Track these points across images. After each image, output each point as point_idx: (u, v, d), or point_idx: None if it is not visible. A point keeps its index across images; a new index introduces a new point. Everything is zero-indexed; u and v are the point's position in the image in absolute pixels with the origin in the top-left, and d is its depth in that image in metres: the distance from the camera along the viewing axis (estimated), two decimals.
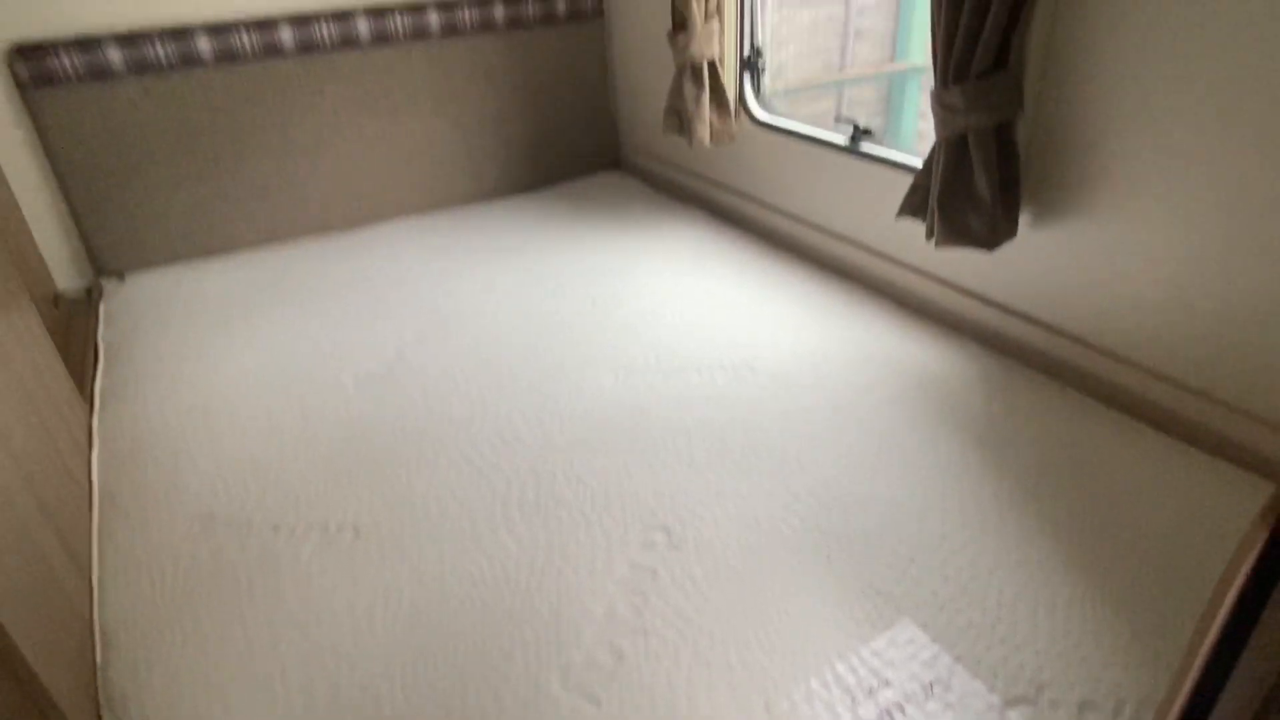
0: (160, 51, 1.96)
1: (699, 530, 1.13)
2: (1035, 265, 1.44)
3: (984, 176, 1.30)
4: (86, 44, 1.89)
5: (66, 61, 1.87)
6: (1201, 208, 1.17)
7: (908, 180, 1.61)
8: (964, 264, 1.58)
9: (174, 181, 2.08)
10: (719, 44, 1.97)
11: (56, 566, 1.03)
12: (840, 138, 1.83)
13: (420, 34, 2.26)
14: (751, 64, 2.06)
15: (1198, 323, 1.23)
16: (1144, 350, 1.32)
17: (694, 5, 1.89)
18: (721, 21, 1.95)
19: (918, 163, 1.61)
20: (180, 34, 1.97)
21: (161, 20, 1.98)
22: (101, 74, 1.92)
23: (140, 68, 1.95)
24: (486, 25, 2.34)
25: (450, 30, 2.29)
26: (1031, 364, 1.48)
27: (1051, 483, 1.18)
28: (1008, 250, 1.45)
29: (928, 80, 4.57)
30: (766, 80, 2.09)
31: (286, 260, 2.13)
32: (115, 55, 1.92)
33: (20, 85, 1.86)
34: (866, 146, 1.76)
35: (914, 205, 1.48)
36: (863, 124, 1.78)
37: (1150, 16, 1.14)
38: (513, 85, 2.45)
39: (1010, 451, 1.25)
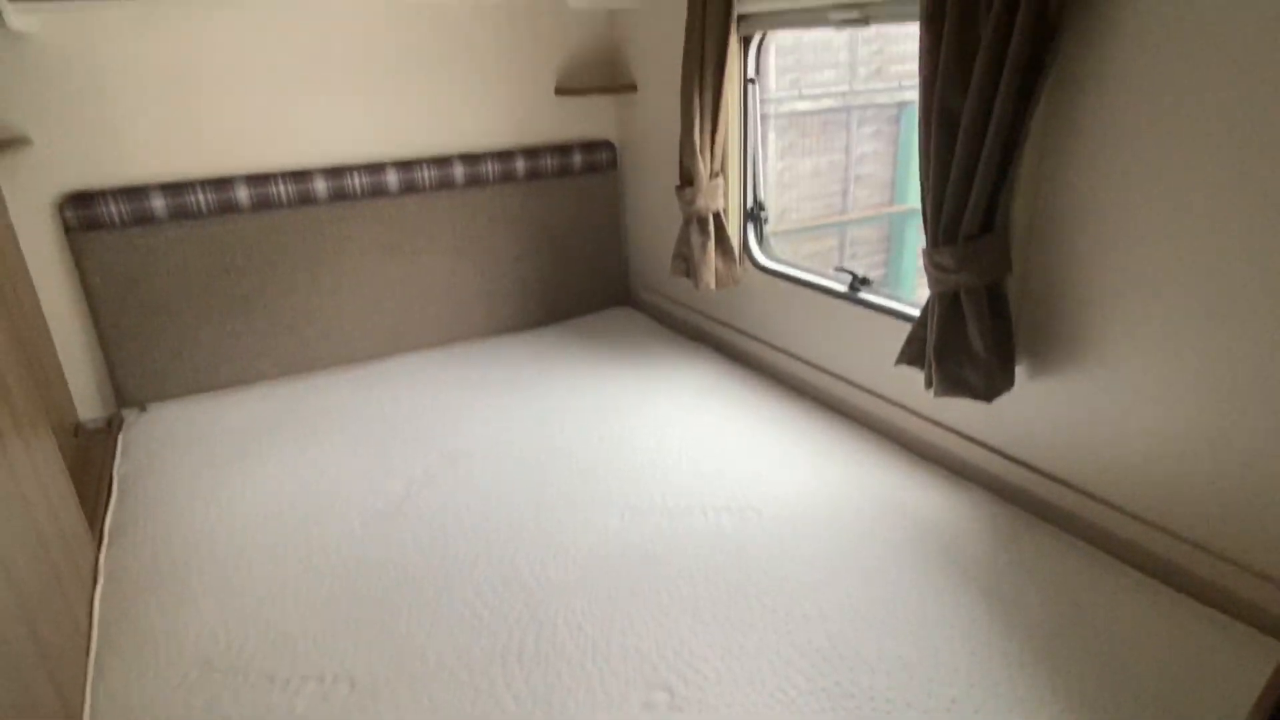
0: (202, 199, 2.10)
1: (702, 690, 1.10)
2: (1034, 415, 1.47)
3: (977, 332, 1.35)
4: (133, 192, 2.03)
5: (114, 208, 2.01)
6: (1189, 362, 1.21)
7: (905, 328, 1.67)
8: (965, 411, 1.61)
9: (202, 317, 2.18)
10: (723, 197, 2.09)
11: (45, 711, 1.01)
12: (840, 285, 1.92)
13: (445, 184, 2.41)
14: (754, 215, 2.18)
15: (1190, 475, 1.24)
16: (1142, 502, 1.32)
17: (700, 164, 2.03)
18: (726, 178, 2.08)
19: (914, 311, 1.68)
20: (222, 183, 2.12)
21: (205, 171, 2.13)
22: (144, 219, 2.05)
23: (181, 213, 2.09)
24: (507, 176, 2.50)
25: (474, 181, 2.45)
26: (1037, 513, 1.48)
27: (1060, 642, 1.16)
28: (1007, 399, 1.48)
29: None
30: (768, 229, 2.20)
31: (305, 393, 2.19)
32: (159, 202, 2.06)
33: (68, 229, 1.99)
34: (865, 294, 1.84)
35: (912, 355, 1.53)
36: (861, 273, 1.86)
37: (1131, 184, 1.22)
38: (530, 230, 2.59)
39: (1018, 606, 1.24)
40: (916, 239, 4.95)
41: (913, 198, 4.73)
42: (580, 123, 2.62)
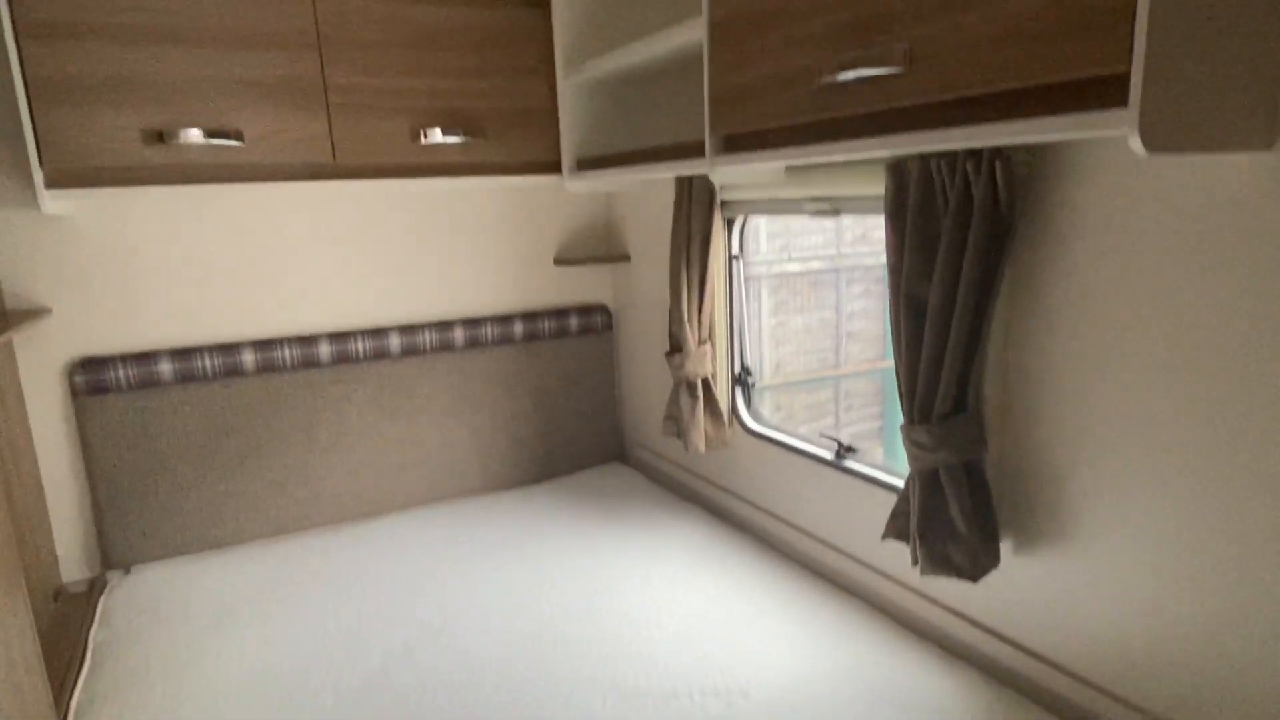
0: (208, 363, 2.18)
1: None
2: (1022, 592, 1.45)
3: (959, 510, 1.37)
4: (143, 357, 2.11)
5: (122, 372, 2.08)
6: (1168, 538, 1.21)
7: (892, 498, 1.68)
8: (955, 586, 1.59)
9: (196, 478, 2.20)
10: (711, 363, 2.16)
11: None
12: (826, 451, 1.94)
13: (446, 347, 2.50)
14: (742, 380, 2.25)
15: (1179, 658, 1.21)
16: (1132, 686, 1.28)
17: (688, 332, 2.12)
18: (713, 345, 2.16)
19: (899, 483, 1.69)
20: (228, 348, 2.21)
21: (214, 338, 2.22)
22: (151, 383, 2.12)
23: (187, 377, 2.16)
24: (506, 339, 2.60)
25: (473, 343, 2.54)
26: (1031, 696, 1.42)
27: None
28: (994, 576, 1.46)
29: None
30: (756, 395, 2.26)
31: (292, 553, 2.17)
32: (167, 367, 2.13)
33: (75, 393, 2.05)
34: (851, 463, 1.86)
35: (897, 530, 1.53)
36: (847, 440, 1.90)
37: (1095, 363, 1.28)
38: (526, 389, 2.66)
39: None
40: None
41: None
42: (577, 288, 2.75)
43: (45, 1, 1.67)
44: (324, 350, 2.33)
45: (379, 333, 2.41)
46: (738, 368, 2.25)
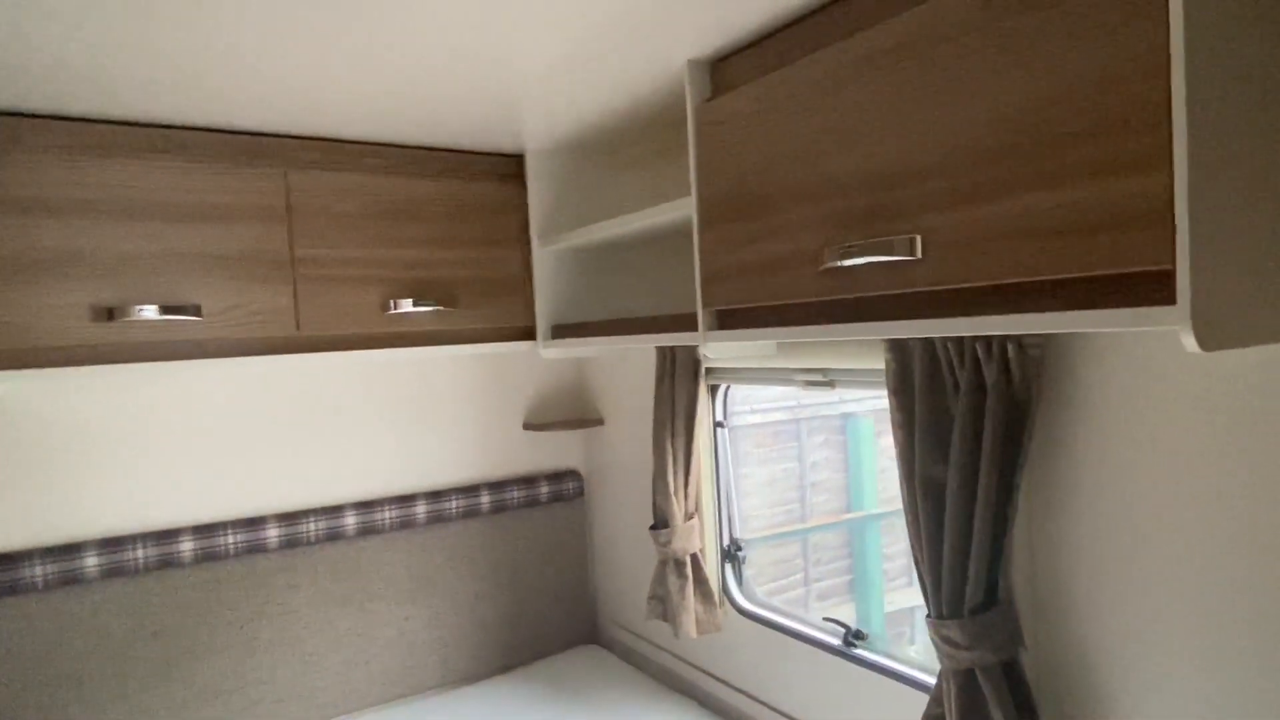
0: (140, 554, 1.95)
1: None
2: None
3: (1001, 716, 1.23)
4: (65, 550, 1.87)
5: (39, 569, 1.84)
6: None
7: (911, 692, 1.53)
8: None
9: (115, 692, 1.90)
10: (699, 538, 2.03)
11: None
12: (831, 637, 1.80)
13: (407, 524, 2.32)
14: (731, 555, 2.11)
15: None
16: None
17: (674, 506, 2.00)
18: (701, 519, 2.04)
19: (922, 676, 1.55)
20: (165, 535, 1.99)
21: (148, 524, 2.00)
22: (71, 580, 1.87)
23: (115, 572, 1.92)
24: (471, 511, 2.42)
25: (436, 518, 2.36)
26: None
27: None
28: None
29: (888, 526, 4.79)
30: (748, 572, 2.12)
31: None
32: (92, 560, 1.89)
33: None
34: (862, 651, 1.72)
35: None
36: (855, 626, 1.76)
37: (1126, 547, 1.20)
38: (492, 565, 2.46)
39: None
40: (880, 541, 4.92)
41: (868, 504, 4.79)
42: (547, 454, 2.63)
43: (1, 179, 1.58)
44: (271, 533, 2.12)
45: (333, 511, 2.22)
46: (726, 541, 2.12)
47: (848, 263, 1.16)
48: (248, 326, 1.82)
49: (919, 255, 1.08)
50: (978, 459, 1.26)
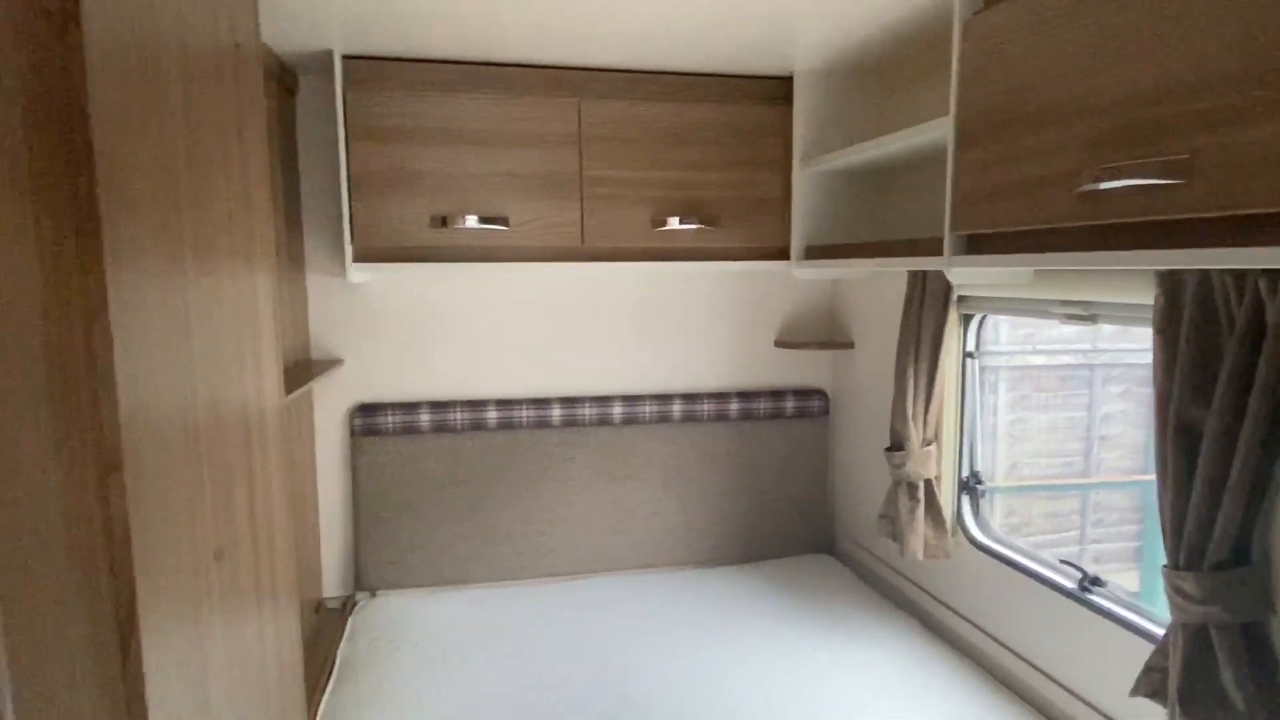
0: (458, 417, 2.44)
1: None
2: None
3: (1234, 679, 1.16)
4: (407, 407, 2.42)
5: (390, 419, 2.40)
6: None
7: (1147, 647, 1.47)
8: None
9: (438, 520, 2.45)
10: (935, 465, 2.04)
11: None
12: (1067, 580, 1.74)
13: (663, 419, 2.60)
14: (970, 487, 2.09)
15: None
16: None
17: (912, 431, 2.02)
18: (939, 445, 2.04)
19: (1157, 629, 1.47)
20: (476, 404, 2.46)
21: (464, 394, 2.49)
22: (411, 430, 2.42)
23: (440, 428, 2.43)
24: (721, 416, 2.64)
25: (689, 418, 2.61)
26: None
27: None
28: None
29: None
30: (986, 504, 2.08)
31: (511, 600, 2.33)
32: (425, 417, 2.42)
33: (353, 433, 2.39)
34: (1098, 597, 1.65)
35: (1151, 687, 1.33)
36: (1092, 572, 1.68)
37: None
38: (737, 467, 2.67)
39: None
40: None
41: None
42: (795, 371, 2.74)
43: (370, 111, 2.03)
44: (555, 413, 2.52)
45: (604, 400, 2.56)
46: (965, 472, 2.09)
47: (1109, 185, 1.11)
48: (543, 236, 2.16)
49: (1187, 178, 1.00)
50: (1244, 405, 1.15)
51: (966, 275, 1.66)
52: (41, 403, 0.55)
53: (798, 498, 2.73)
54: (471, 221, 2.08)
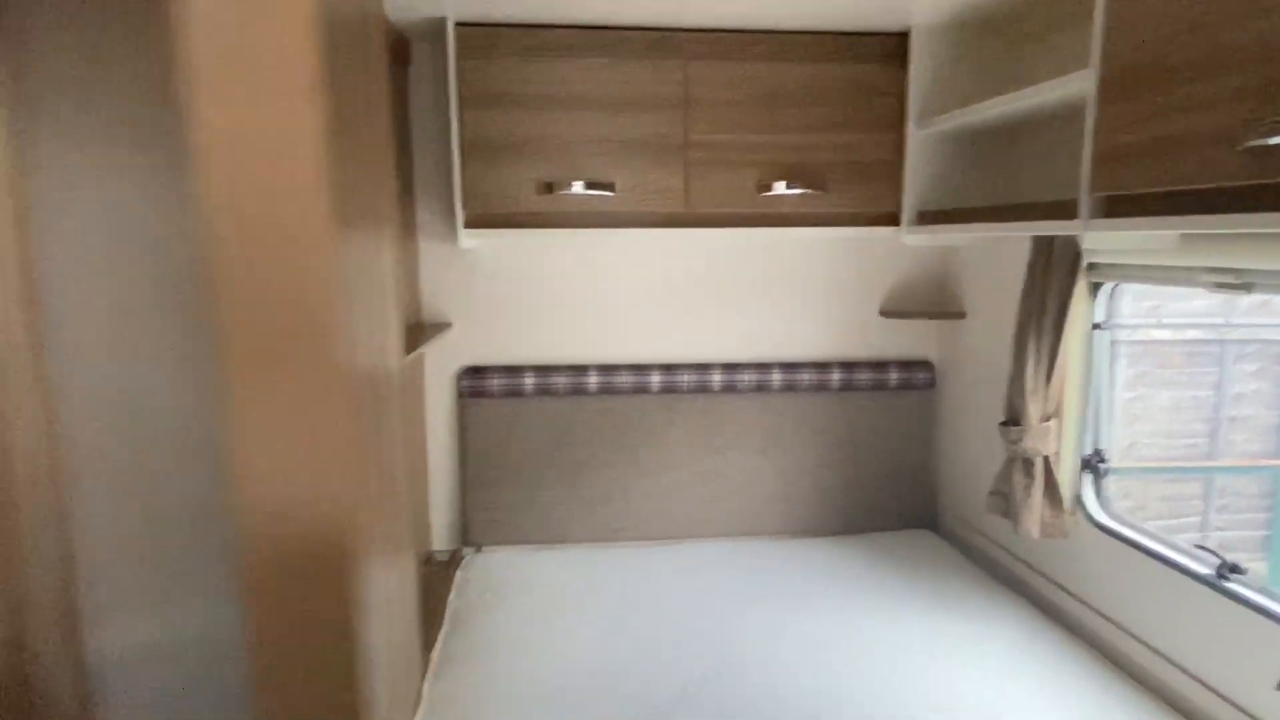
0: (560, 381, 2.49)
1: None
2: None
3: None
4: (512, 370, 2.48)
5: (495, 381, 2.46)
6: None
7: None
8: None
9: (540, 480, 2.51)
10: (1055, 441, 1.94)
11: None
12: (1203, 566, 1.63)
13: (762, 388, 2.57)
14: (1092, 465, 1.98)
15: None
16: None
17: (1030, 406, 1.93)
18: (1060, 420, 1.94)
19: None
20: (578, 370, 2.50)
21: (566, 359, 2.53)
22: (515, 393, 2.48)
23: (543, 392, 2.48)
24: (821, 386, 2.59)
25: (788, 387, 2.58)
26: None
27: None
28: None
29: None
30: (1109, 484, 1.98)
31: (609, 561, 2.38)
32: (529, 381, 2.48)
33: (460, 395, 2.47)
34: (1238, 586, 1.54)
35: None
36: (1230, 559, 1.58)
37: None
38: (837, 438, 2.62)
39: None
40: None
41: None
42: (901, 342, 2.66)
43: (482, 78, 2.06)
44: (654, 379, 2.53)
45: (703, 368, 2.55)
46: (1088, 450, 1.99)
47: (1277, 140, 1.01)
48: (647, 202, 2.16)
49: None
50: None
51: (1103, 240, 1.56)
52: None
53: (899, 471, 2.66)
54: (578, 187, 2.09)
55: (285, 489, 0.52)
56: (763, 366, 2.57)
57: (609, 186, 2.10)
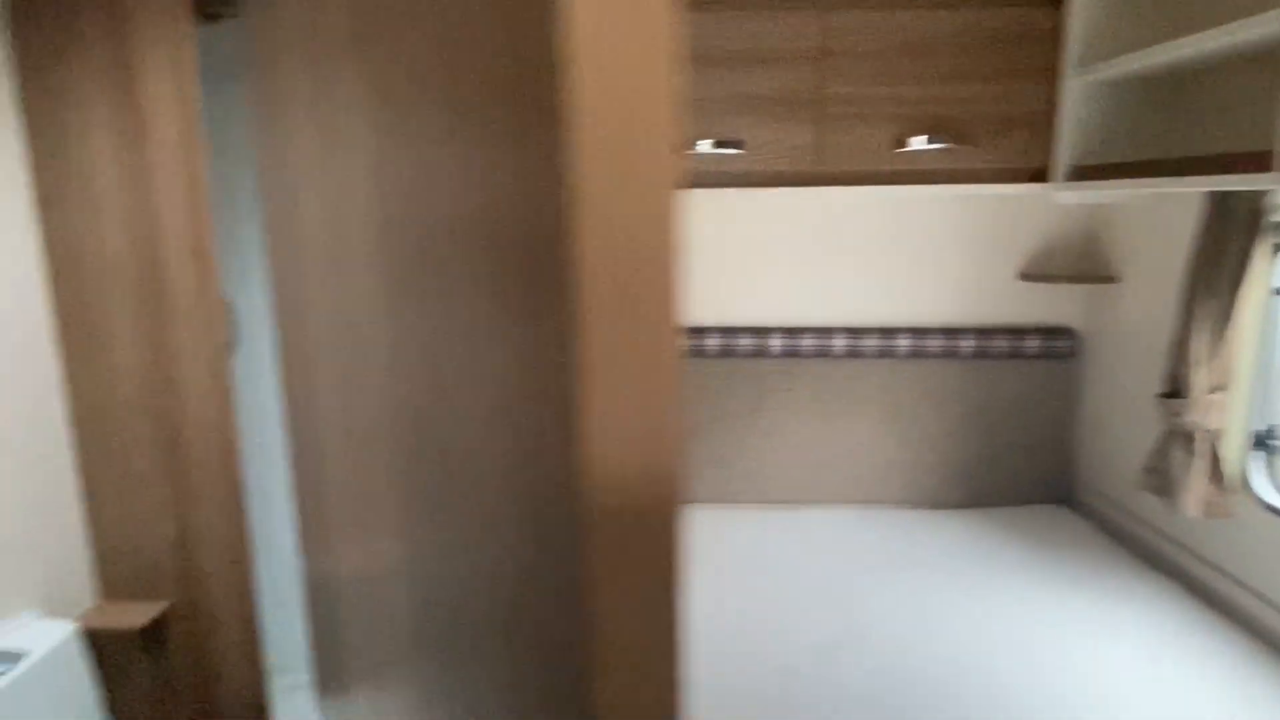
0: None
1: None
2: None
3: None
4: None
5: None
6: None
7: None
8: None
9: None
10: (1223, 415, 1.80)
11: None
12: None
13: (887, 354, 2.49)
14: (1264, 442, 1.83)
15: None
16: None
17: (1195, 376, 1.79)
18: (1229, 393, 1.79)
19: None
20: (697, 331, 2.50)
21: (685, 320, 2.53)
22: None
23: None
24: (951, 353, 2.49)
25: (916, 353, 2.49)
26: None
27: None
28: None
29: None
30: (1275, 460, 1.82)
31: (732, 522, 2.38)
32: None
33: None
34: None
35: None
36: None
37: None
38: (967, 408, 2.52)
39: None
40: None
41: None
42: (1041, 307, 2.51)
43: None
44: (775, 343, 2.49)
45: (825, 331, 2.49)
46: (1260, 425, 1.83)
47: None
48: (778, 160, 2.10)
49: None
50: None
51: None
52: None
53: (1033, 444, 2.54)
54: (706, 146, 2.05)
55: (626, 443, 0.55)
56: (888, 331, 2.49)
57: (739, 145, 2.06)
